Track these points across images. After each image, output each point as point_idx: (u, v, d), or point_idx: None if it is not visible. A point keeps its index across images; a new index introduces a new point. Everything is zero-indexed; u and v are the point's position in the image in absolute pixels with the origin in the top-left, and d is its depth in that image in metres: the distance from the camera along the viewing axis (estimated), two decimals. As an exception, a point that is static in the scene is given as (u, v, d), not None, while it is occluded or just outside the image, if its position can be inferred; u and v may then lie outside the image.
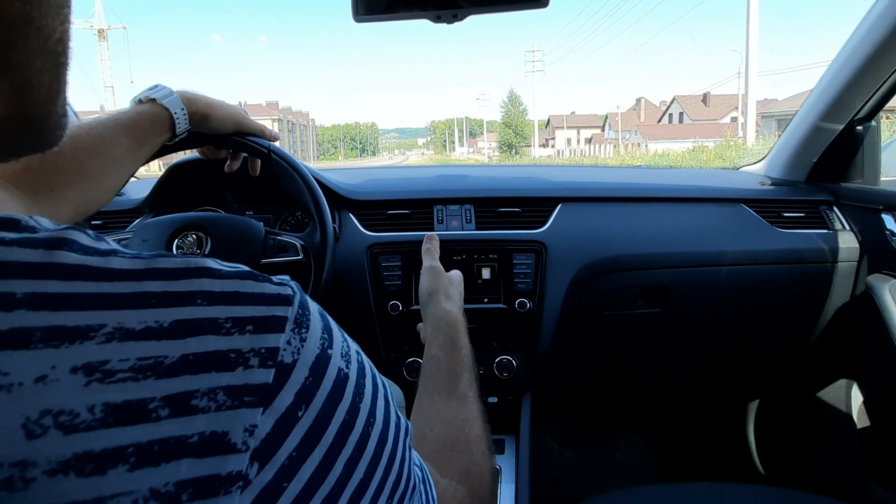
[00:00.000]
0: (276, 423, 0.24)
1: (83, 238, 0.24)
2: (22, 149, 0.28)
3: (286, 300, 0.26)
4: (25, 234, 0.23)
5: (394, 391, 0.86)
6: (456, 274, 0.78)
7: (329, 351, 0.27)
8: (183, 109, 0.71)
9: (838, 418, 1.25)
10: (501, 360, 1.09)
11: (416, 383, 0.57)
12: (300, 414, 0.25)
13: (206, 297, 0.24)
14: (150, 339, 0.22)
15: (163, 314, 0.23)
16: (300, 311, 0.26)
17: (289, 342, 0.25)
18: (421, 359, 0.63)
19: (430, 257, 0.77)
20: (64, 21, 0.26)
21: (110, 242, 0.25)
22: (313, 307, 0.28)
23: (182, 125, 0.71)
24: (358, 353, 0.31)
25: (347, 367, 0.28)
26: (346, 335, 0.31)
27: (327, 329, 0.28)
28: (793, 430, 1.40)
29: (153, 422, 0.21)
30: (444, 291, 0.71)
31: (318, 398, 0.26)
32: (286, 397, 0.24)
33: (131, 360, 0.21)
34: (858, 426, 1.21)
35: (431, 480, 0.36)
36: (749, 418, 1.52)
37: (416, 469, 0.34)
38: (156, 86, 0.71)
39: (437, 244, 0.81)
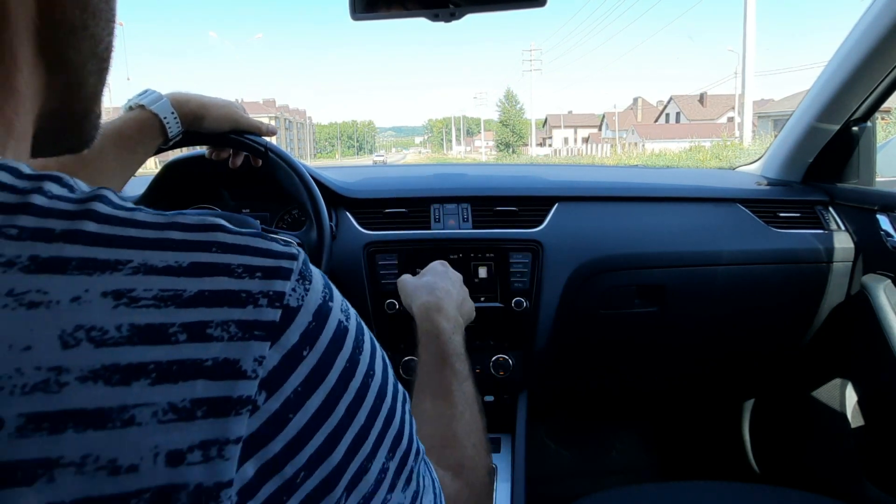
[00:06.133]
0: (283, 358, 0.26)
1: (113, 196, 0.27)
2: (63, 144, 0.33)
3: (292, 256, 0.28)
4: (66, 191, 0.26)
5: None
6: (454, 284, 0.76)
7: (330, 304, 0.29)
8: (173, 113, 0.71)
9: (833, 418, 1.25)
10: (498, 358, 1.09)
11: (412, 382, 0.58)
12: (305, 353, 0.27)
13: (221, 246, 0.26)
14: (171, 275, 0.24)
15: (182, 256, 0.25)
16: (304, 267, 0.29)
17: (294, 290, 0.27)
18: (417, 357, 0.63)
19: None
20: (111, 33, 0.31)
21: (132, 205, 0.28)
22: (315, 269, 0.30)
23: (173, 129, 0.71)
24: (357, 316, 0.32)
25: (347, 322, 0.30)
26: (346, 301, 0.33)
27: (328, 286, 0.30)
28: (788, 429, 1.41)
29: (172, 344, 0.23)
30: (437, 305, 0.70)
31: (321, 342, 0.28)
32: (292, 336, 0.26)
33: (154, 291, 0.24)
34: (853, 425, 1.21)
35: (432, 466, 0.37)
36: (744, 417, 1.53)
37: (420, 444, 0.35)
38: (145, 91, 0.71)
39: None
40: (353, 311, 0.32)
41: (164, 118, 0.70)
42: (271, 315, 0.26)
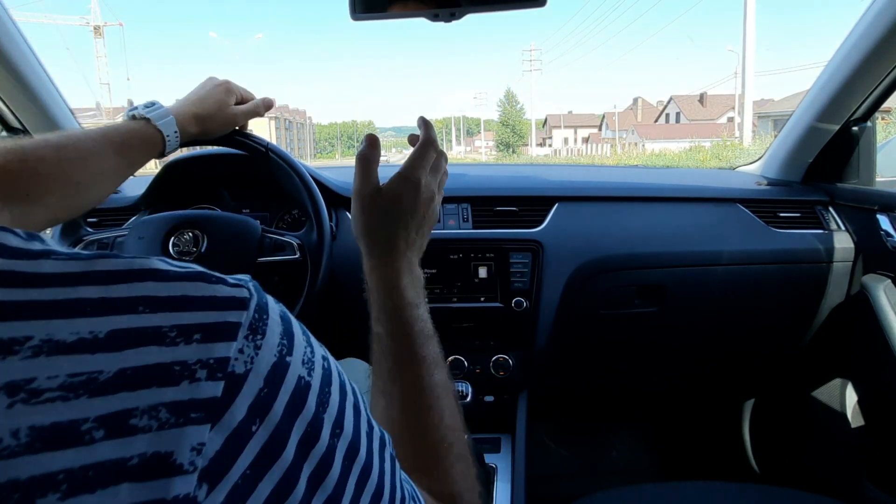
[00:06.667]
0: (227, 440, 0.22)
1: (11, 239, 0.22)
2: None
3: (241, 304, 0.24)
4: None
5: None
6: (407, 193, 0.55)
7: (288, 358, 0.25)
8: (176, 132, 0.72)
9: (833, 418, 1.25)
10: (498, 358, 1.09)
11: None
12: (254, 429, 0.22)
13: (150, 303, 0.22)
14: (83, 352, 0.20)
15: (99, 324, 0.21)
16: (256, 316, 0.24)
17: (241, 350, 0.23)
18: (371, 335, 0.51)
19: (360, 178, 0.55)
20: None
21: (46, 242, 0.23)
22: (274, 310, 0.26)
23: (172, 146, 0.72)
24: (325, 358, 0.29)
25: (309, 375, 0.26)
26: (311, 339, 0.28)
27: (287, 334, 0.26)
28: (788, 429, 1.41)
29: (86, 445, 0.19)
30: (376, 232, 0.54)
31: (275, 411, 0.23)
32: (238, 411, 0.22)
33: (61, 378, 0.19)
34: (853, 425, 1.21)
35: (422, 500, 0.34)
36: (744, 417, 1.53)
37: (407, 485, 0.32)
38: (153, 104, 0.71)
39: (377, 154, 0.57)
40: (318, 355, 0.28)
41: (167, 136, 0.71)
42: (211, 390, 0.21)
